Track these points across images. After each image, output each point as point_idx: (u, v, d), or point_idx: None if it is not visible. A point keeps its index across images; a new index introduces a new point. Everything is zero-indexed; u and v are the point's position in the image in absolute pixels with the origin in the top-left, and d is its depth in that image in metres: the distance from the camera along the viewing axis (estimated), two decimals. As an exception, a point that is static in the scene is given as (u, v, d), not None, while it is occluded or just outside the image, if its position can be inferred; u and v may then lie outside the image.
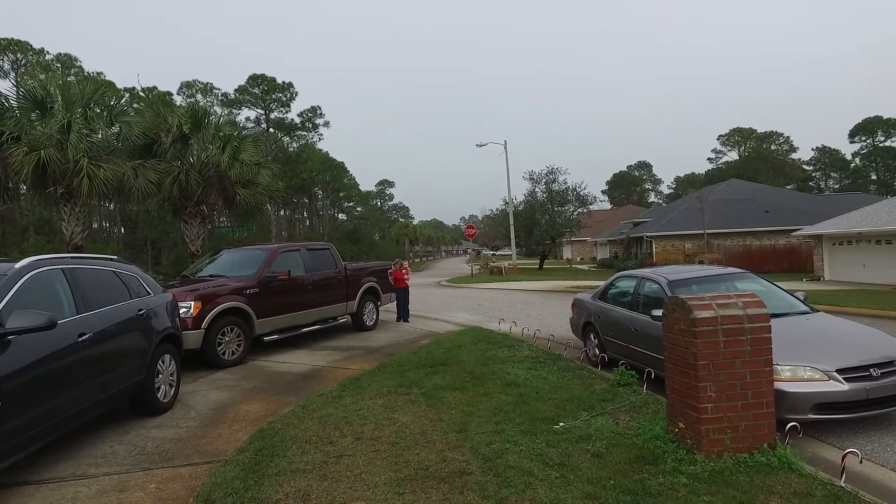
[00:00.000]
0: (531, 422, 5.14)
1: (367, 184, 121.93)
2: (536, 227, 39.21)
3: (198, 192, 15.08)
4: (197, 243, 15.63)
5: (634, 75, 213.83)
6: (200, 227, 15.68)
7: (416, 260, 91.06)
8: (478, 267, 49.57)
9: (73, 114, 12.50)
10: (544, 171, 39.93)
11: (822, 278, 26.20)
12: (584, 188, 40.38)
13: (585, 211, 40.05)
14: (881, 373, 4.76)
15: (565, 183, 39.86)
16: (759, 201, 37.23)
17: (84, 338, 4.41)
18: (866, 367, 4.78)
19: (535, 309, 15.42)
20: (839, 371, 4.75)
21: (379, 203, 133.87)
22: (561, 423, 5.07)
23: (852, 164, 79.77)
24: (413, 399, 6.07)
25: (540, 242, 39.27)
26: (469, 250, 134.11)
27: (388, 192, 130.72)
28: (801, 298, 6.52)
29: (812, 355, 4.96)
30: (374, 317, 11.81)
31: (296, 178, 44.92)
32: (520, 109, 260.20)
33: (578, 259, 60.06)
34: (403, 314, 13.10)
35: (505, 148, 32.16)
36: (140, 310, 5.47)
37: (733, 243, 33.57)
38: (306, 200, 79.46)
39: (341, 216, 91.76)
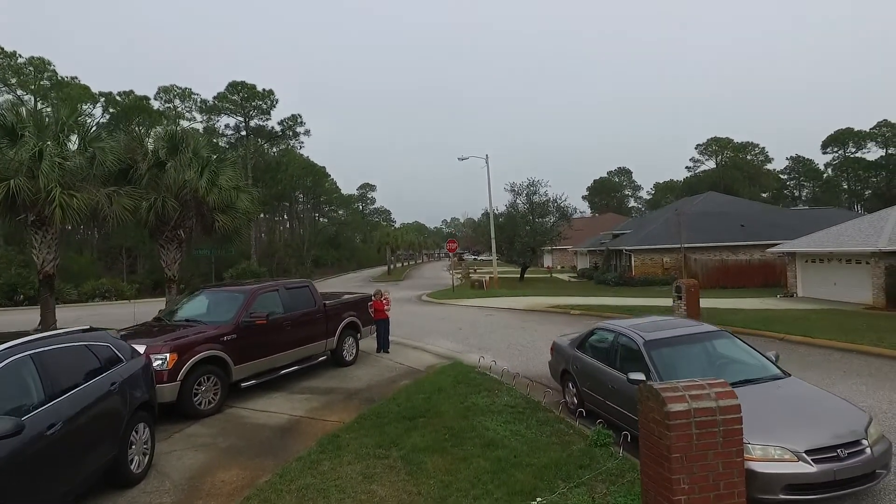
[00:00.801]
0: (509, 496, 5.17)
1: (348, 187, 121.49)
2: (518, 238, 39.49)
3: (174, 217, 14.87)
4: (174, 268, 15.38)
5: (620, 78, 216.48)
6: (177, 252, 15.44)
7: (398, 265, 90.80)
8: (459, 275, 49.63)
9: (45, 141, 12.22)
10: (525, 183, 40.33)
11: (795, 294, 26.80)
12: (565, 200, 40.88)
13: (566, 224, 40.44)
14: (848, 453, 4.89)
15: (546, 195, 40.30)
16: (736, 215, 38.02)
17: (53, 429, 4.32)
18: (834, 448, 4.90)
19: (515, 335, 15.49)
20: (808, 452, 4.87)
21: (360, 206, 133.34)
22: (538, 499, 5.10)
23: (825, 175, 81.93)
24: (391, 464, 6.06)
25: (521, 254, 39.55)
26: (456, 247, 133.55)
27: (369, 196, 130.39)
28: (773, 360, 6.66)
29: (783, 433, 5.07)
30: (354, 351, 11.74)
31: (276, 187, 44.41)
32: (504, 112, 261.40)
33: (559, 267, 60.60)
34: (384, 345, 13.05)
35: (486, 162, 32.34)
36: (113, 383, 5.37)
37: (710, 258, 34.19)
38: (287, 204, 78.80)
39: (323, 220, 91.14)
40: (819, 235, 26.73)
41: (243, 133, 46.23)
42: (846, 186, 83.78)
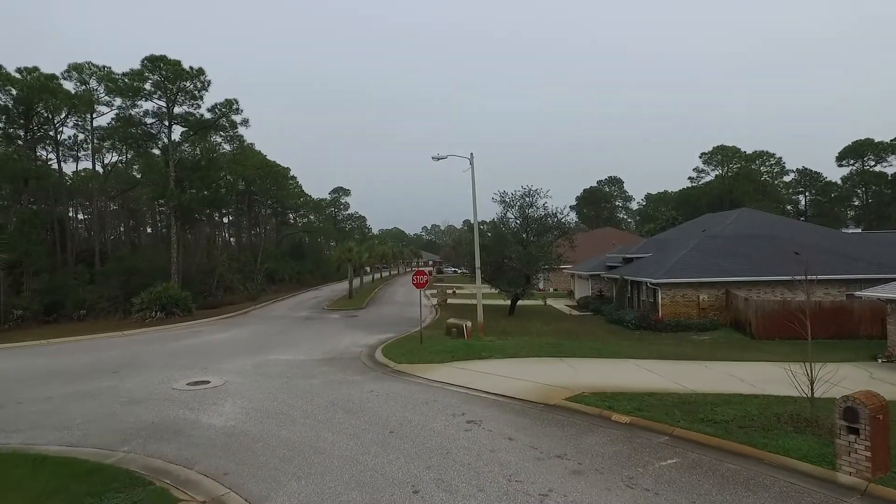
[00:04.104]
0: None
1: (320, 191, 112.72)
2: (508, 262, 31.11)
3: None
4: None
5: (614, 83, 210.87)
6: None
7: (374, 276, 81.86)
8: (434, 301, 41.01)
9: None
10: (519, 193, 31.97)
11: (903, 359, 19.00)
12: (567, 215, 32.65)
13: (568, 244, 32.16)
14: None
15: (545, 208, 31.96)
16: (785, 239, 30.08)
17: None
18: None
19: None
20: None
21: (334, 212, 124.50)
22: None
23: (840, 188, 75.20)
24: None
25: (513, 282, 31.08)
26: (430, 269, 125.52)
27: (343, 201, 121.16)
28: None
29: None
30: None
31: (203, 189, 35.31)
32: (492, 114, 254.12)
33: (551, 290, 52.28)
34: None
35: (471, 163, 23.76)
36: None
37: (763, 297, 26.16)
38: (234, 209, 69.55)
39: (284, 227, 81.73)
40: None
41: (166, 122, 36.99)
42: (857, 202, 77.49)
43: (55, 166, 46.52)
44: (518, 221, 33.19)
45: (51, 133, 44.82)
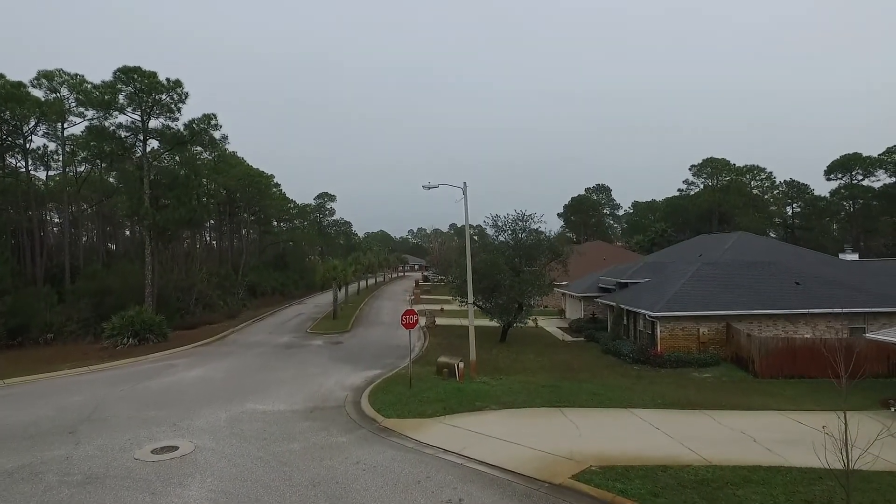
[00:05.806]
0: None
1: (304, 194, 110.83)
2: (501, 288, 29.91)
3: None
4: None
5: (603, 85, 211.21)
6: None
7: (355, 283, 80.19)
8: (423, 322, 39.62)
9: None
10: (512, 217, 30.86)
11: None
12: (566, 238, 31.52)
13: (562, 268, 31.11)
14: None
15: (538, 232, 30.85)
16: (784, 266, 29.26)
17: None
18: None
19: None
20: None
21: (319, 217, 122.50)
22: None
23: (828, 202, 75.30)
24: None
25: (506, 310, 29.90)
26: (420, 276, 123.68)
27: (328, 206, 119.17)
28: None
29: None
30: None
31: (181, 208, 33.55)
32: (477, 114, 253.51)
33: (543, 307, 51.23)
34: None
35: (464, 192, 22.48)
36: None
37: (765, 333, 25.22)
38: (216, 216, 67.61)
39: (268, 236, 79.72)
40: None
41: (141, 137, 35.16)
42: (842, 215, 77.71)
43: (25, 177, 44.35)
44: (510, 241, 32.16)
45: (19, 142, 42.68)
